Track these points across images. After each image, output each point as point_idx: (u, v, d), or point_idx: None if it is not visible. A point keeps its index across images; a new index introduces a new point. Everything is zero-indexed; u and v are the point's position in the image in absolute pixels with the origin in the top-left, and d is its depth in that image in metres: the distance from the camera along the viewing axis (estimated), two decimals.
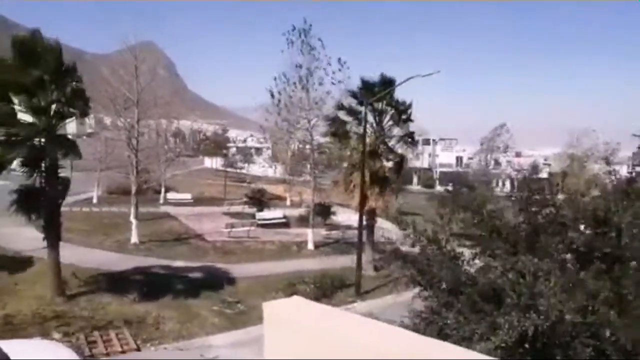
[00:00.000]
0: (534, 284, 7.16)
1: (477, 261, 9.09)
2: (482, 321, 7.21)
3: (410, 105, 23.35)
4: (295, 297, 2.58)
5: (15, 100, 15.97)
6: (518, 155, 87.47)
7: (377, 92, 22.51)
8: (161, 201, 41.15)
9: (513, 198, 10.42)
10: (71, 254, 19.78)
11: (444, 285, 8.31)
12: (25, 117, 16.14)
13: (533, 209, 9.16)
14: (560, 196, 10.25)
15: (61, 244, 17.41)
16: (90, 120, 44.69)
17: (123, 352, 13.27)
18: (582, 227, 8.71)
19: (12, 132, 15.78)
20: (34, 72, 15.64)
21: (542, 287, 7.02)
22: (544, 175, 72.87)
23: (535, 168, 76.77)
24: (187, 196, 42.70)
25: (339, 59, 25.23)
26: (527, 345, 6.92)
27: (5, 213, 18.16)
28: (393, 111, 23.40)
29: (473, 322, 7.35)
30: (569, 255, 8.30)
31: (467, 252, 9.50)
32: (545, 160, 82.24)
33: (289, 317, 2.34)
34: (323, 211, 33.14)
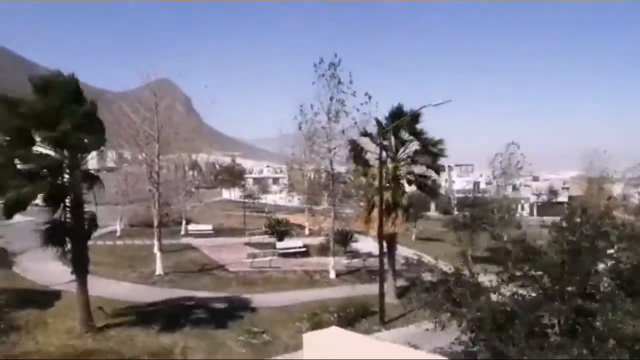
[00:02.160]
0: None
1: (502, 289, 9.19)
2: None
3: (439, 141, 23.75)
4: (333, 328, 2.68)
5: (37, 138, 16.55)
6: (536, 179, 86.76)
7: (392, 122, 22.97)
8: (182, 233, 41.65)
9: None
10: (98, 286, 20.18)
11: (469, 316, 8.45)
12: (47, 152, 16.69)
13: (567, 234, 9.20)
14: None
15: (88, 277, 17.79)
16: (111, 155, 45.81)
17: None
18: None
19: (31, 167, 16.36)
20: (51, 104, 16.20)
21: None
22: (562, 198, 72.05)
23: (554, 192, 75.91)
24: (208, 227, 43.11)
25: (366, 93, 25.64)
26: None
27: (31, 248, 18.63)
28: (414, 140, 23.77)
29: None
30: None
31: (490, 278, 9.61)
32: (564, 184, 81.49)
33: (328, 348, 2.41)
34: (343, 239, 33.25)
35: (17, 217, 16.80)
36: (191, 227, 42.76)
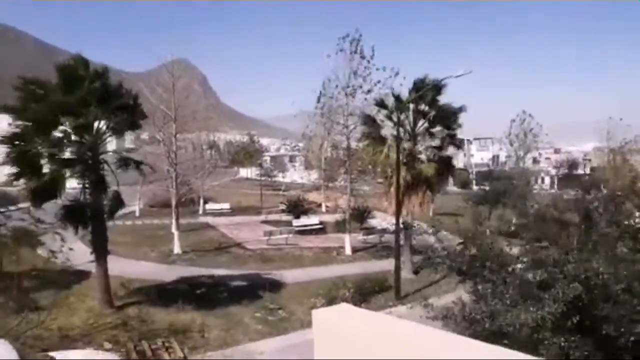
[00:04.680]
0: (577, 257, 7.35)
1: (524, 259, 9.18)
2: (529, 300, 7.31)
3: (459, 109, 23.29)
4: (343, 305, 2.61)
5: (66, 123, 16.69)
6: (557, 151, 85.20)
7: (412, 95, 22.58)
8: (200, 212, 42.05)
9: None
10: (118, 265, 20.46)
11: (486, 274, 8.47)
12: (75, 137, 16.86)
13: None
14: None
15: (108, 256, 18.02)
16: (130, 136, 46.09)
17: None
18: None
19: (65, 153, 16.61)
20: (78, 92, 16.25)
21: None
22: (583, 171, 70.69)
23: (575, 164, 74.50)
24: (226, 206, 43.47)
25: (392, 69, 25.19)
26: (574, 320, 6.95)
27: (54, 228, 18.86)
28: (433, 113, 23.37)
29: (520, 303, 7.46)
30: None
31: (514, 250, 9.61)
32: (585, 155, 79.86)
33: (338, 325, 2.34)
34: (359, 216, 33.16)
35: None
36: (209, 206, 43.18)
